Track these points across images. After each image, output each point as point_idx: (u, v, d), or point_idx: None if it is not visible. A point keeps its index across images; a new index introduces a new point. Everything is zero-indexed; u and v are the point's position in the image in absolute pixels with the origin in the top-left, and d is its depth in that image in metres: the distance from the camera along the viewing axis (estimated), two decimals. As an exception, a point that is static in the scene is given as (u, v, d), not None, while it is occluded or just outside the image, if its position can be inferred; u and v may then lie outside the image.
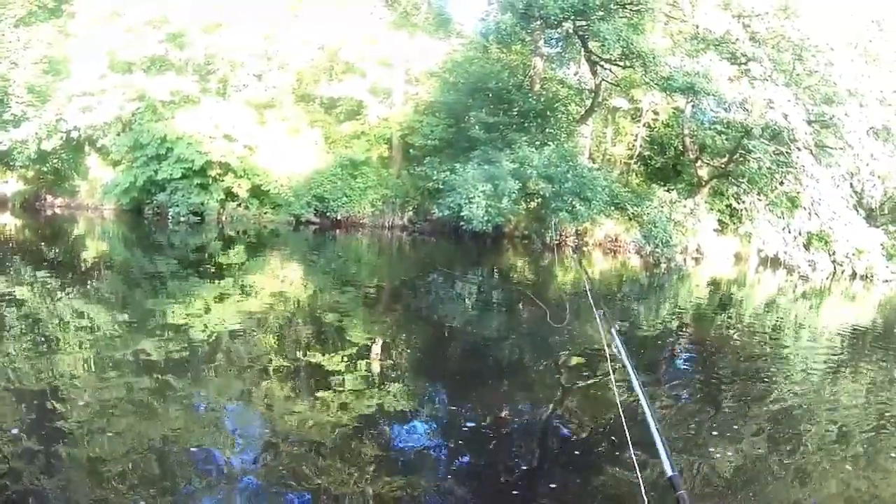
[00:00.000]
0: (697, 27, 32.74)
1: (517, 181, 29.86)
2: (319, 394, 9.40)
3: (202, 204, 32.22)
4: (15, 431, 7.21)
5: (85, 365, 9.71)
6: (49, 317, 12.76)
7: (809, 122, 30.52)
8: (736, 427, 9.38)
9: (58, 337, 11.24)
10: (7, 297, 13.97)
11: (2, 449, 6.76)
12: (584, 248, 33.39)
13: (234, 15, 33.74)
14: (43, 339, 11.03)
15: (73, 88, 32.36)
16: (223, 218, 33.09)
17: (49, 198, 37.22)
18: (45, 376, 9.03)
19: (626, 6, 31.41)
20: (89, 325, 12.33)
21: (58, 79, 33.44)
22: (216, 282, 18.68)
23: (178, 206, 31.89)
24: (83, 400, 8.30)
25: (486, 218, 29.57)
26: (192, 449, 7.19)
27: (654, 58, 30.52)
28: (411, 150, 36.13)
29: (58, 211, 36.06)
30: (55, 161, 35.51)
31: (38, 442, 6.97)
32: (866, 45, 32.19)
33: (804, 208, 34.01)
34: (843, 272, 34.08)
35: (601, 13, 30.84)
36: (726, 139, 35.63)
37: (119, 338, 11.48)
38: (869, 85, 30.45)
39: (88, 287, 16.83)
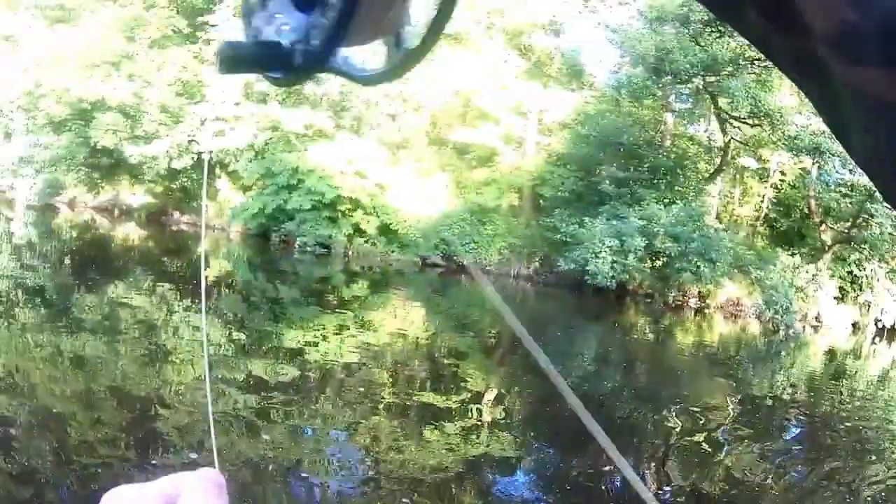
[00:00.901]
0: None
1: (644, 238, 29.47)
2: (426, 434, 9.30)
3: (330, 237, 32.51)
4: (118, 435, 7.33)
5: (196, 379, 9.81)
6: (166, 327, 13.00)
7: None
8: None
9: (173, 347, 11.43)
10: (130, 307, 14.33)
11: (108, 454, 6.86)
12: (706, 311, 32.59)
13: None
14: (157, 347, 11.24)
15: (207, 113, 33.48)
16: (349, 252, 33.32)
17: (175, 214, 38.28)
18: (154, 385, 9.18)
19: (755, 62, 30.90)
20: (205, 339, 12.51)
21: (191, 102, 34.64)
22: (337, 314, 18.82)
23: (305, 236, 32.24)
24: (189, 411, 8.37)
25: (611, 274, 29.23)
26: (292, 470, 7.16)
27: (781, 116, 29.94)
28: (541, 201, 35.96)
29: (184, 227, 37.04)
30: (184, 180, 36.59)
31: (139, 446, 7.06)
32: None
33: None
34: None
35: (730, 69, 30.48)
36: (850, 202, 34.48)
37: (232, 356, 11.61)
38: None
39: (209, 304, 17.13)
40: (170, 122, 34.56)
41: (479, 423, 10.44)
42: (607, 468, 8.95)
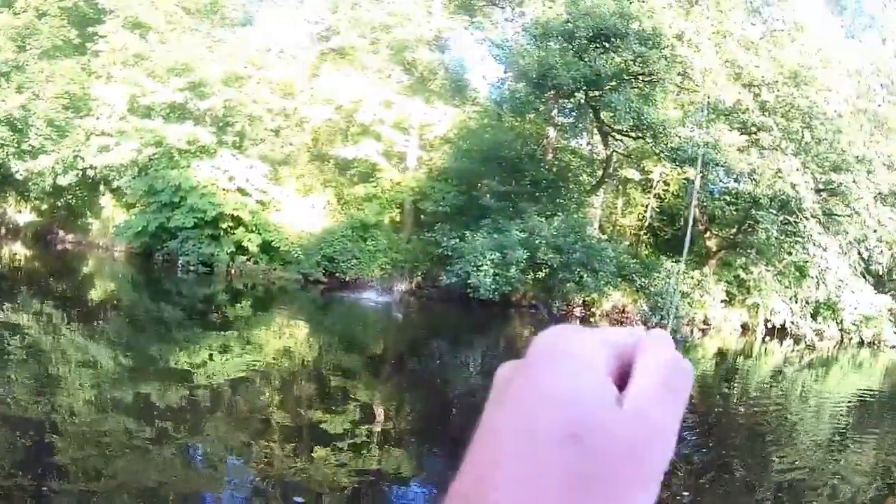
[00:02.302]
0: (708, 97, 32.87)
1: (525, 251, 29.80)
2: (319, 452, 9.35)
3: (212, 255, 32.11)
4: (7, 464, 7.18)
5: (85, 403, 9.68)
6: (51, 352, 12.77)
7: (818, 191, 30.71)
8: (743, 499, 9.34)
9: (59, 373, 11.24)
10: (12, 329, 14.00)
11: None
12: (592, 319, 33.18)
13: (256, 70, 34.11)
14: (43, 374, 11.03)
15: (93, 127, 32.95)
16: (232, 271, 32.99)
17: (61, 232, 37.61)
18: (43, 411, 9.01)
19: (638, 77, 31.64)
20: (91, 364, 12.32)
21: (77, 115, 34.11)
22: (221, 333, 18.69)
23: (188, 254, 31.86)
24: (80, 437, 8.27)
25: (493, 286, 29.41)
26: (185, 495, 7.13)
27: (664, 129, 30.70)
28: (422, 216, 36.06)
29: (69, 246, 36.42)
30: (69, 197, 36.15)
31: (31, 475, 6.94)
32: (875, 110, 32.74)
33: (812, 277, 34.18)
34: (850, 340, 34.21)
35: (613, 83, 31.10)
36: (735, 210, 35.59)
37: (120, 380, 11.46)
38: (877, 150, 30.82)
39: (93, 326, 16.85)
40: (56, 136, 33.82)
41: (369, 438, 10.52)
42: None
